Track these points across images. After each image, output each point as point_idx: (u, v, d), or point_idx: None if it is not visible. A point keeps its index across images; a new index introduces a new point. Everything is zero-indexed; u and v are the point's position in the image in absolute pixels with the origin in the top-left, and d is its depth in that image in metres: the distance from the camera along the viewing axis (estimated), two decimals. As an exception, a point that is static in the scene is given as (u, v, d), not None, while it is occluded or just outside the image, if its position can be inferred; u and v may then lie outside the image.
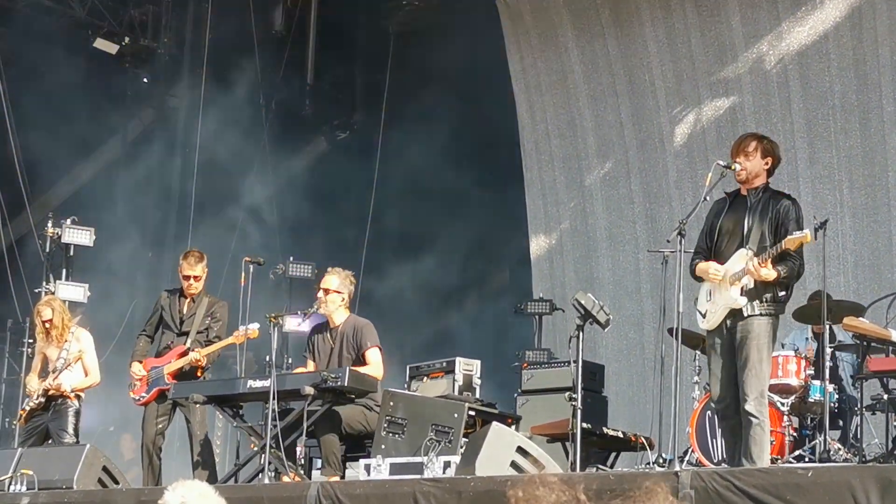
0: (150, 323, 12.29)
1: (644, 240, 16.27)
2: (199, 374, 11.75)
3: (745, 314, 8.81)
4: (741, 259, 8.85)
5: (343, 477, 10.64)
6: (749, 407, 8.69)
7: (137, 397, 11.97)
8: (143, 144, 19.87)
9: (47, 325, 12.07)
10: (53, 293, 14.43)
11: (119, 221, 19.40)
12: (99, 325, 14.31)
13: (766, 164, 9.11)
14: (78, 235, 15.36)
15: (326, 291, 11.10)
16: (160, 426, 11.82)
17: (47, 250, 15.30)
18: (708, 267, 9.04)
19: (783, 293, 8.88)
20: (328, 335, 11.10)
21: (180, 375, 11.66)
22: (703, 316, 9.13)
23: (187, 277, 12.01)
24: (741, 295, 8.83)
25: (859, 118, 15.03)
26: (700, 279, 9.21)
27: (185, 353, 11.73)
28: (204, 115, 18.52)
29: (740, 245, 8.94)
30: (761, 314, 8.82)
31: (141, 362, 11.97)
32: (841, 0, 15.15)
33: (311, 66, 18.79)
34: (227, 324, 11.99)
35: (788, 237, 8.70)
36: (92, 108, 18.32)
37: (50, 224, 15.33)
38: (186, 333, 11.91)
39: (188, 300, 12.09)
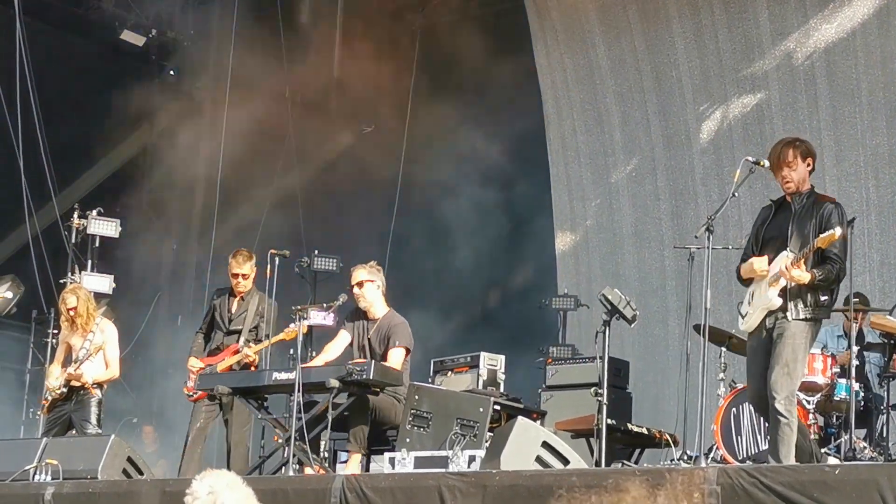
0: (205, 321, 12.48)
1: (670, 237, 16.24)
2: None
3: (789, 318, 8.75)
4: (782, 262, 8.80)
5: (367, 457, 10.67)
6: (778, 406, 8.65)
7: (190, 393, 12.08)
8: (168, 136, 19.89)
9: (72, 314, 12.08)
10: (79, 283, 14.45)
11: (144, 213, 19.48)
12: (122, 316, 14.37)
13: (808, 165, 9.03)
14: (104, 227, 15.40)
15: (360, 285, 11.12)
16: (205, 422, 11.93)
17: (73, 241, 15.31)
18: (751, 263, 8.99)
19: (825, 297, 8.79)
20: (368, 325, 11.15)
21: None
22: (743, 317, 9.08)
23: (236, 276, 12.15)
24: (778, 296, 8.77)
25: (886, 116, 14.98)
26: (746, 283, 9.14)
27: (237, 352, 11.81)
28: (230, 107, 18.54)
29: (783, 250, 8.88)
30: (803, 318, 8.76)
31: (198, 358, 12.05)
32: (869, -3, 15.11)
33: (337, 59, 18.79)
34: (276, 321, 12.06)
35: (820, 236, 8.65)
36: (118, 99, 18.35)
37: (76, 215, 15.36)
38: (234, 332, 12.03)
39: (237, 299, 12.22)
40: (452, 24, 17.88)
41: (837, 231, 8.62)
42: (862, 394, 11.10)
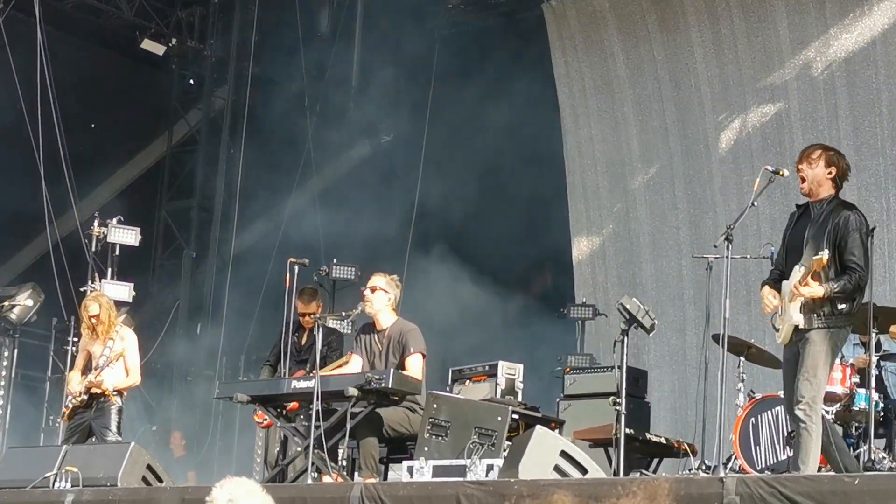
0: (272, 353, 12.77)
1: (687, 246, 16.23)
2: None
3: (803, 327, 8.75)
4: (797, 276, 8.78)
5: (386, 465, 10.67)
6: (798, 412, 8.64)
7: (261, 420, 12.38)
8: (188, 145, 19.96)
9: (93, 321, 12.09)
10: (100, 291, 14.48)
11: (163, 222, 19.54)
12: (142, 325, 14.40)
13: (830, 173, 8.93)
14: (124, 235, 15.43)
15: (373, 289, 11.11)
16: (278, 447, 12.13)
17: (93, 249, 15.36)
18: (763, 297, 9.00)
19: (843, 306, 8.74)
20: (376, 337, 11.10)
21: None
22: (777, 331, 9.07)
23: (303, 314, 12.53)
24: (799, 312, 8.76)
25: (906, 126, 14.98)
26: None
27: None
28: (249, 116, 18.60)
29: (800, 258, 8.87)
30: (820, 328, 8.75)
31: None
32: (889, 7, 15.10)
33: (356, 69, 18.83)
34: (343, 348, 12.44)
35: (813, 258, 8.61)
36: (138, 108, 18.44)
37: (96, 223, 15.41)
38: (304, 361, 12.22)
39: (306, 331, 12.55)
40: (472, 32, 17.91)
41: (825, 255, 8.54)
42: (881, 404, 11.07)
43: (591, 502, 7.20)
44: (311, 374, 11.32)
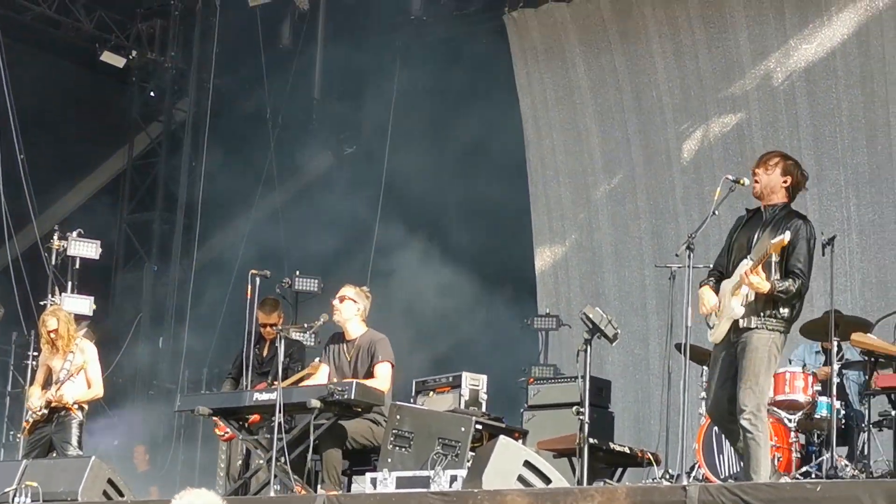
0: (234, 365, 12.67)
1: (650, 256, 16.26)
2: None
3: (743, 326, 8.77)
4: (742, 268, 8.82)
5: (349, 477, 10.63)
6: (744, 421, 8.66)
7: (222, 433, 12.27)
8: (149, 157, 19.88)
9: (52, 336, 12.03)
10: (59, 305, 14.40)
11: (125, 235, 19.44)
12: (103, 338, 14.31)
13: (785, 182, 9.01)
14: (84, 248, 15.34)
15: (342, 299, 11.09)
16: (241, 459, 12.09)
17: (53, 263, 15.27)
18: (701, 296, 9.03)
19: (785, 310, 8.77)
20: (345, 347, 11.08)
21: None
22: (711, 328, 9.10)
23: (264, 325, 12.44)
24: (741, 306, 8.79)
25: (866, 135, 15.04)
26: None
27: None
28: (211, 128, 18.54)
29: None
30: (759, 328, 8.77)
31: None
32: (848, 17, 15.17)
33: (318, 80, 18.79)
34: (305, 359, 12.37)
35: (771, 242, 8.65)
36: (99, 121, 18.35)
37: (56, 237, 15.32)
38: (266, 374, 12.15)
39: (268, 343, 12.45)
40: (434, 43, 17.90)
41: (787, 236, 8.61)
42: (843, 412, 11.09)
43: None
44: (273, 386, 11.29)
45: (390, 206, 17.95)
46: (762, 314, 8.76)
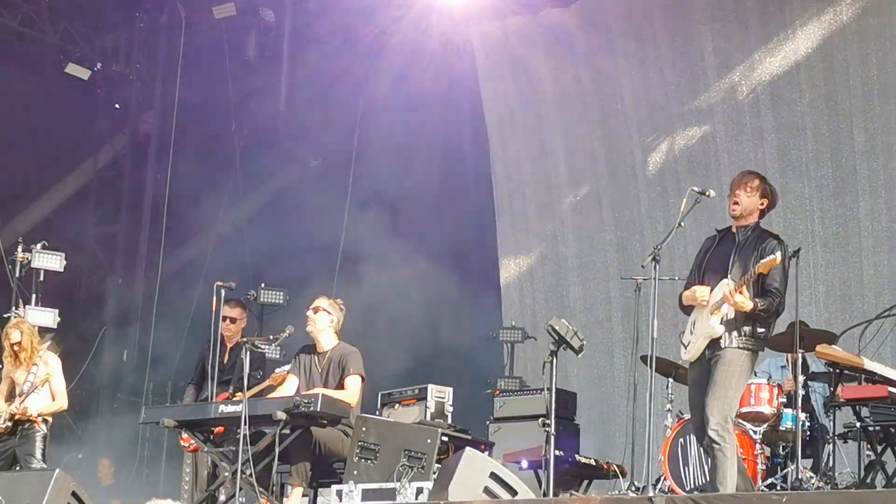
0: (196, 372, 12.65)
1: (615, 268, 16.28)
2: None
3: (723, 345, 8.83)
4: (722, 289, 8.87)
5: (315, 490, 10.61)
6: (711, 432, 8.73)
7: (187, 444, 12.21)
8: (115, 170, 19.82)
9: (16, 349, 11.99)
10: (22, 317, 14.32)
11: (90, 246, 19.36)
12: (68, 350, 14.23)
13: (762, 204, 9.20)
14: (48, 260, 15.26)
15: (316, 310, 11.10)
16: (207, 470, 12.03)
17: (17, 275, 15.18)
18: (693, 291, 9.07)
19: (762, 330, 8.89)
20: (316, 359, 11.08)
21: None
22: (685, 347, 9.14)
23: (224, 318, 12.30)
24: (720, 324, 8.84)
25: (830, 148, 15.10)
26: (687, 311, 9.21)
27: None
28: (176, 140, 18.48)
29: (724, 279, 8.96)
30: (738, 347, 8.83)
31: None
32: (812, 31, 15.23)
33: (284, 93, 18.77)
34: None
35: (761, 262, 8.73)
36: (64, 133, 18.26)
37: (20, 249, 15.23)
38: (227, 382, 12.07)
39: (228, 349, 12.37)
40: (401, 55, 17.89)
41: (778, 255, 8.70)
42: (808, 424, 11.14)
43: None
44: (236, 397, 11.31)
45: (356, 218, 17.93)
46: (742, 333, 8.84)
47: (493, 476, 9.27)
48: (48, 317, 15.08)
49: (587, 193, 16.80)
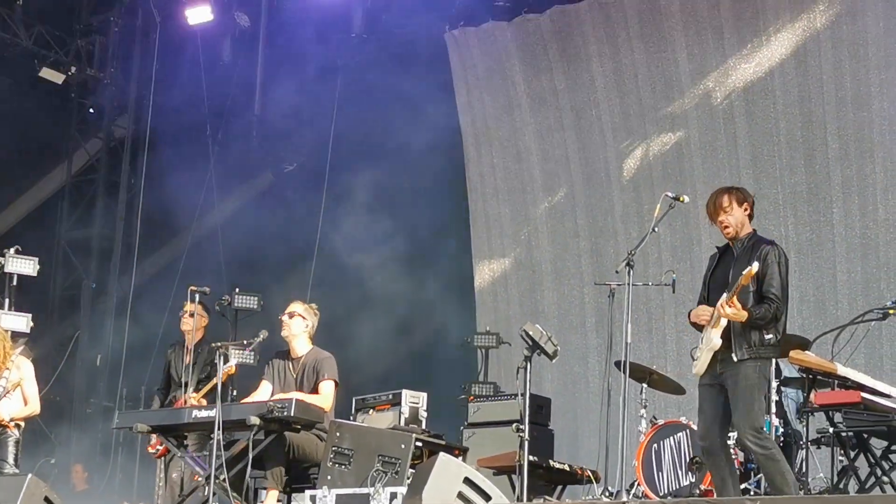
0: (163, 379, 12.71)
1: (589, 274, 16.30)
2: None
3: (735, 359, 8.82)
4: (718, 303, 8.87)
5: (289, 495, 10.59)
6: (751, 444, 8.73)
7: (153, 450, 12.25)
8: (89, 174, 19.76)
9: (-13, 353, 11.94)
10: (-5, 323, 14.25)
11: (63, 251, 19.30)
12: (41, 356, 14.19)
13: (746, 210, 9.17)
14: (21, 265, 15.18)
15: (291, 315, 11.08)
16: (177, 474, 12.02)
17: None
18: (696, 310, 9.08)
19: (769, 336, 8.87)
20: (290, 364, 11.06)
21: None
22: (694, 360, 9.13)
23: (184, 313, 12.41)
24: (720, 337, 8.84)
25: (804, 155, 15.15)
26: (700, 328, 9.20)
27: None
28: (150, 145, 18.45)
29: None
30: (749, 358, 8.83)
31: None
32: (786, 38, 15.30)
33: (258, 97, 18.75)
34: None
35: (742, 273, 8.72)
36: (37, 137, 18.21)
37: (-7, 253, 15.17)
38: (187, 383, 12.03)
39: (190, 352, 12.29)
40: (375, 60, 17.89)
41: (755, 266, 8.70)
42: (781, 429, 11.16)
43: None
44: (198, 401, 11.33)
45: (330, 223, 17.92)
46: (752, 344, 8.84)
47: (467, 481, 9.25)
48: (21, 321, 14.98)
49: (561, 199, 16.83)
